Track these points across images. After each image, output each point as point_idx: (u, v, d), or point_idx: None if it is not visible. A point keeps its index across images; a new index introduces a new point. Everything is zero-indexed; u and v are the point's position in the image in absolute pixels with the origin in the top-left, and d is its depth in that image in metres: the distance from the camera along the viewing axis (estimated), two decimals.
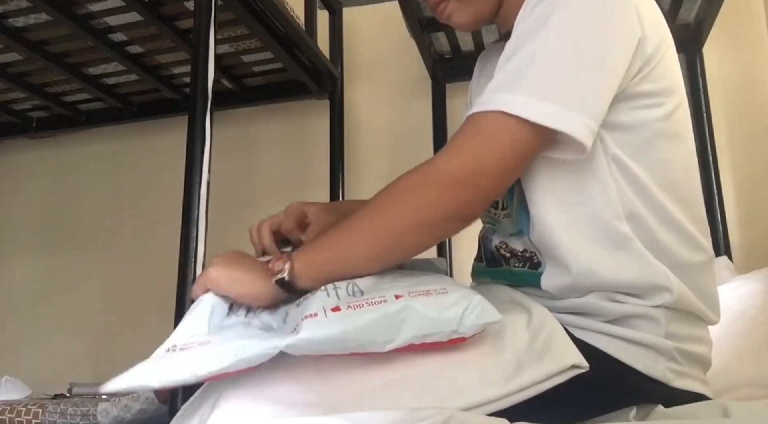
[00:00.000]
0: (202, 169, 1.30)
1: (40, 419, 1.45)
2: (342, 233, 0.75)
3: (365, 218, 0.75)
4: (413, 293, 0.67)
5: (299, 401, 0.65)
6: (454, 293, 0.68)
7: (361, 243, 0.75)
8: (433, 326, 0.65)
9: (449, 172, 0.73)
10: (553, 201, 0.77)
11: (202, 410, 0.66)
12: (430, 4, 0.92)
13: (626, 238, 0.76)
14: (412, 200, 0.73)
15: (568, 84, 0.72)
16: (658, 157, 0.80)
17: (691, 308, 0.79)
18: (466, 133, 0.75)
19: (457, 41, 2.00)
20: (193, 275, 1.25)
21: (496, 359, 0.70)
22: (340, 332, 0.63)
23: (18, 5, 1.69)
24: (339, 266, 0.74)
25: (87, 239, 2.41)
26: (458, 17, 0.91)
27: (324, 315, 0.65)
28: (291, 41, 1.89)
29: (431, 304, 0.66)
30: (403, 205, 0.74)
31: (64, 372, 2.16)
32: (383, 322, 0.65)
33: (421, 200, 0.73)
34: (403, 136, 2.18)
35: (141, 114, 2.33)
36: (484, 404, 0.67)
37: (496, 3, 0.91)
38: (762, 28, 1.97)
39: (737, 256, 1.81)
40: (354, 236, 0.75)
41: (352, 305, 0.66)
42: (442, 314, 0.66)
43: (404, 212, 0.73)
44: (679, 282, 0.77)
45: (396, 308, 0.65)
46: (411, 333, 0.65)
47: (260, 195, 2.26)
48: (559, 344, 0.73)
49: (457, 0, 0.90)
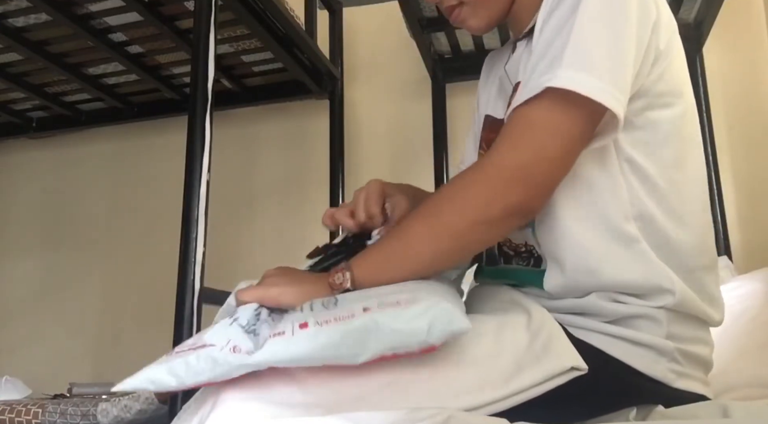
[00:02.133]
0: (202, 169, 1.30)
1: (40, 419, 1.45)
2: (402, 237, 0.75)
3: (425, 220, 0.74)
4: (382, 305, 0.66)
5: (298, 402, 0.65)
6: (423, 302, 0.66)
7: (422, 247, 0.74)
8: (400, 338, 0.64)
9: (508, 167, 0.73)
10: (562, 197, 0.77)
11: (202, 411, 0.66)
12: (444, 9, 0.93)
13: (632, 238, 0.76)
14: (472, 199, 0.73)
15: (609, 63, 0.73)
16: (671, 157, 0.80)
17: (693, 310, 0.79)
18: (519, 127, 0.74)
19: (457, 41, 2.00)
20: (193, 275, 1.25)
21: (495, 361, 0.70)
22: (305, 350, 0.63)
23: (18, 5, 1.69)
24: (400, 271, 0.74)
25: (87, 238, 2.41)
26: (473, 21, 0.92)
27: (291, 333, 0.64)
28: (291, 41, 1.89)
29: (398, 315, 0.65)
30: (463, 205, 0.73)
31: (63, 372, 2.17)
32: (347, 340, 0.64)
33: (483, 198, 0.73)
34: (403, 136, 2.18)
35: (141, 114, 2.33)
36: (483, 406, 0.67)
37: (508, 4, 0.91)
38: (762, 28, 1.97)
39: (737, 256, 1.81)
40: (415, 239, 0.74)
41: (320, 320, 0.65)
42: (409, 325, 0.64)
43: (465, 212, 0.73)
44: (682, 284, 0.77)
45: (361, 323, 0.64)
46: (379, 347, 0.64)
47: (260, 195, 2.26)
48: (559, 346, 0.73)
49: (470, 5, 0.90)
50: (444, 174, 2.00)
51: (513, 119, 0.75)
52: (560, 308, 0.79)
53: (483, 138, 0.97)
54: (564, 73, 0.71)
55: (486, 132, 0.97)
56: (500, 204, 0.72)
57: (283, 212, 2.22)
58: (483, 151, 0.96)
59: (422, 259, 0.75)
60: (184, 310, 1.24)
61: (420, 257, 0.75)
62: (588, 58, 0.72)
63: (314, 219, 2.12)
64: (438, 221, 0.74)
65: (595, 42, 0.73)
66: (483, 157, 0.76)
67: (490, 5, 0.90)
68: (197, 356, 0.65)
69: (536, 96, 0.72)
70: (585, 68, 0.71)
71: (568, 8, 0.74)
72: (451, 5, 0.91)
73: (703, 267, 0.81)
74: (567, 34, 0.73)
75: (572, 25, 0.73)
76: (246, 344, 0.65)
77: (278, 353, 0.63)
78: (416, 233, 0.74)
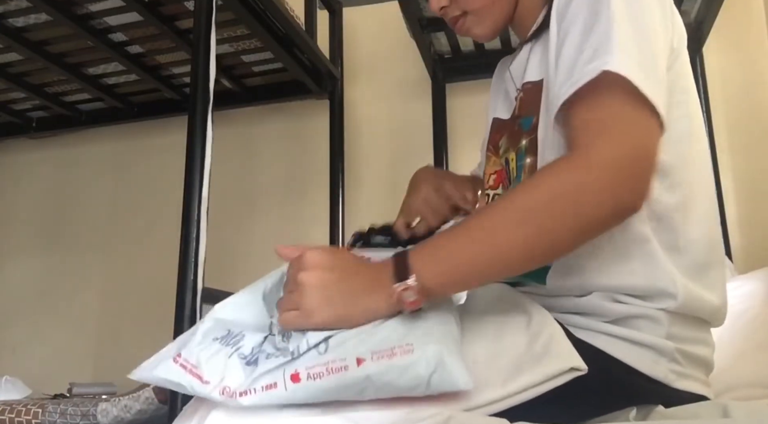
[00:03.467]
0: (202, 169, 1.30)
1: (40, 419, 1.45)
2: (485, 241, 0.68)
3: (518, 229, 0.67)
4: (376, 355, 0.62)
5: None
6: (421, 350, 0.62)
7: (512, 254, 0.68)
8: (396, 390, 0.63)
9: (612, 165, 0.66)
10: None
11: (201, 411, 0.66)
12: (449, 20, 0.93)
13: (644, 239, 0.76)
14: (578, 205, 0.66)
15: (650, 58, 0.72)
16: (684, 153, 0.79)
17: (695, 312, 0.79)
18: (604, 120, 0.69)
19: (457, 41, 2.00)
20: (193, 275, 1.25)
21: (494, 361, 0.70)
22: (302, 398, 0.63)
23: (18, 5, 1.69)
24: (479, 277, 0.70)
25: (87, 239, 2.42)
26: (478, 30, 0.92)
27: (284, 388, 0.62)
28: (291, 41, 1.89)
29: (394, 367, 0.62)
30: (564, 210, 0.66)
31: (64, 372, 2.16)
32: (344, 391, 0.63)
33: (591, 201, 0.66)
34: (403, 136, 2.18)
35: (141, 114, 2.33)
36: (483, 406, 0.67)
37: (511, 9, 0.91)
38: (762, 28, 1.97)
39: (737, 256, 1.82)
40: (505, 247, 0.67)
41: (311, 373, 0.63)
42: (406, 377, 0.62)
43: (567, 218, 0.66)
44: (686, 287, 0.76)
45: (354, 378, 0.62)
46: (375, 396, 0.63)
47: (260, 195, 2.26)
48: (559, 347, 0.73)
49: (475, 15, 0.90)
50: None
51: (586, 112, 0.70)
52: (560, 307, 0.79)
53: (489, 140, 0.97)
54: (619, 64, 0.68)
55: (492, 134, 0.96)
56: (610, 205, 0.66)
57: (282, 211, 2.22)
58: (490, 153, 0.95)
59: (510, 268, 0.70)
60: (184, 310, 1.24)
61: (509, 265, 0.69)
62: (635, 52, 0.70)
63: (314, 219, 2.14)
64: (532, 225, 0.66)
65: (634, 36, 0.71)
66: (573, 154, 0.68)
67: (494, 12, 0.90)
68: (192, 384, 0.65)
69: (597, 86, 0.68)
70: (638, 64, 0.69)
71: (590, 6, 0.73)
72: (455, 16, 0.91)
73: (711, 264, 0.81)
74: (606, 24, 0.70)
75: (608, 17, 0.71)
76: (238, 382, 0.64)
77: (268, 402, 0.63)
78: (507, 241, 0.67)
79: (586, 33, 0.72)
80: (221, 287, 1.30)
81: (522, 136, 0.83)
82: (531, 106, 0.83)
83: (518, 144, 0.84)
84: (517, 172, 0.84)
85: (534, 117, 0.81)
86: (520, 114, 0.86)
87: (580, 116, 0.70)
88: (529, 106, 0.83)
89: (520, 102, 0.87)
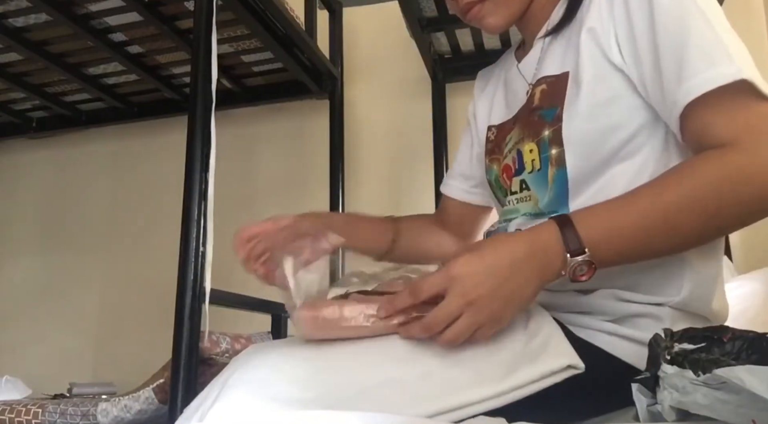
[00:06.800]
0: (202, 169, 1.30)
1: (40, 419, 1.45)
2: (660, 228, 0.70)
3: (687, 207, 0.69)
4: None
5: (297, 398, 0.65)
6: None
7: (687, 238, 0.72)
8: None
9: None
10: (620, 188, 0.75)
11: (204, 406, 0.66)
12: (462, 6, 0.89)
13: None
14: (745, 202, 0.72)
15: None
16: None
17: (697, 310, 0.79)
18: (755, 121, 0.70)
19: (456, 41, 2.00)
20: (194, 275, 1.25)
21: (492, 358, 0.70)
22: None
23: (18, 5, 1.69)
24: (645, 258, 0.73)
25: (87, 238, 2.42)
26: (492, 19, 0.89)
27: None
28: (291, 41, 1.89)
29: None
30: (739, 203, 0.71)
31: (64, 372, 2.16)
32: None
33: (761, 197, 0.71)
34: (403, 136, 2.18)
35: (141, 114, 2.33)
36: (479, 402, 0.67)
37: (527, 3, 0.90)
38: (762, 28, 1.97)
39: (737, 256, 1.81)
40: (677, 228, 0.70)
41: None
42: None
43: (738, 215, 0.73)
44: (690, 282, 0.77)
45: None
46: None
47: (260, 195, 2.26)
48: (556, 345, 0.73)
49: (493, 2, 0.87)
50: (444, 174, 2.00)
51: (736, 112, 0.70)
52: (563, 306, 0.80)
53: (489, 149, 0.96)
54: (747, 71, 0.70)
55: (494, 142, 0.96)
56: None
57: (282, 211, 2.20)
58: (494, 156, 0.95)
59: (678, 250, 0.74)
60: (184, 310, 1.24)
61: (680, 247, 0.73)
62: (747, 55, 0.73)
63: None
64: (713, 212, 0.70)
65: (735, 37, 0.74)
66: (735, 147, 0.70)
67: (512, 3, 0.89)
68: None
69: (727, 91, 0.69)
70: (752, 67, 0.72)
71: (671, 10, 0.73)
72: (472, 1, 0.88)
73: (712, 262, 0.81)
74: (707, 26, 0.72)
75: (704, 18, 0.72)
76: None
77: None
78: (683, 229, 0.70)
79: (684, 34, 0.72)
80: (221, 287, 1.30)
81: (544, 127, 0.82)
82: (554, 97, 0.82)
83: (540, 135, 0.83)
84: (541, 165, 0.83)
85: (558, 108, 0.81)
86: (541, 105, 0.84)
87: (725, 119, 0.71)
88: (552, 98, 0.82)
89: (540, 94, 0.86)
